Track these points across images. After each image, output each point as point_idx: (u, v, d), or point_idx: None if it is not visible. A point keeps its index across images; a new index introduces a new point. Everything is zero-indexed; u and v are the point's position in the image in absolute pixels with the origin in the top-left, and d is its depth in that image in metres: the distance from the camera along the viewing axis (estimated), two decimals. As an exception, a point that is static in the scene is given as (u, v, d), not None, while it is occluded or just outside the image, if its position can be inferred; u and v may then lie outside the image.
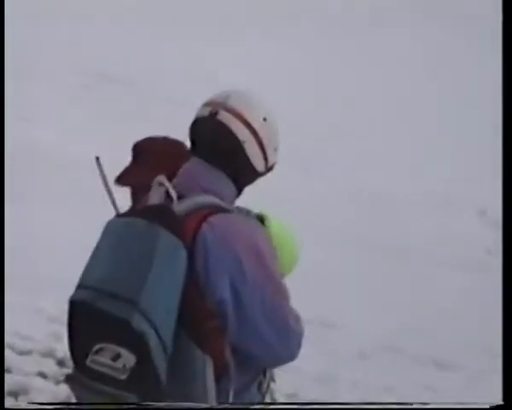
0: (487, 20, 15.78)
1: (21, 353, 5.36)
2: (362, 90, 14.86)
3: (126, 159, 2.67)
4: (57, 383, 4.87)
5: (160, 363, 2.01)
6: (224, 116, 2.16)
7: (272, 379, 2.32)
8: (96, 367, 2.02)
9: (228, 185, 2.20)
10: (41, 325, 5.70)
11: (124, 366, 1.99)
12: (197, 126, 2.22)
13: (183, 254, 2.04)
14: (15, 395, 4.69)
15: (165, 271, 2.02)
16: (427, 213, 10.60)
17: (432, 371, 6.08)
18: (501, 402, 2.46)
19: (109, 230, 2.14)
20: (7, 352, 5.08)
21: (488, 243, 9.03)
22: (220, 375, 2.10)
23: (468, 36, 17.89)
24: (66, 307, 2.29)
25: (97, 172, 2.25)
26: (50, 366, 5.15)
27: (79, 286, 2.08)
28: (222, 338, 2.09)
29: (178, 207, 2.09)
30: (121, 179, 2.59)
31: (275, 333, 2.12)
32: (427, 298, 7.16)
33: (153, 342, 1.98)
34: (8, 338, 5.14)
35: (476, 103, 14.33)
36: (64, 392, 4.55)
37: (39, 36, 13.98)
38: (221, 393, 2.11)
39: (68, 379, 2.14)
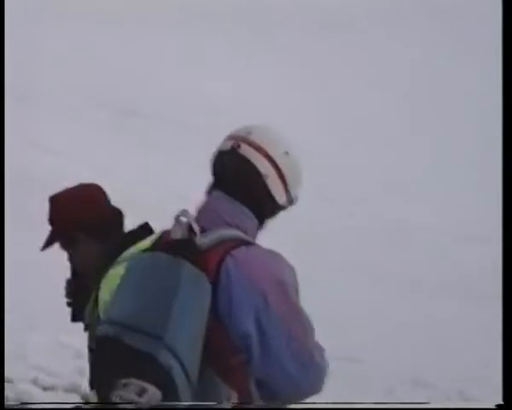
0: (487, 20, 15.78)
1: (45, 388, 5.40)
2: (373, 111, 14.90)
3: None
4: None
5: (186, 398, 1.99)
6: (246, 150, 2.18)
7: None
8: (121, 404, 1.99)
9: (250, 219, 2.20)
10: (67, 360, 5.77)
11: (149, 401, 1.97)
12: (219, 160, 2.23)
13: (208, 287, 2.03)
14: None
15: (190, 305, 2.02)
16: (441, 240, 10.59)
17: (459, 404, 6.05)
18: (501, 402, 2.48)
19: (133, 265, 2.15)
20: (31, 387, 5.26)
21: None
22: None
23: (469, 36, 17.90)
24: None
25: None
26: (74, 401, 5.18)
27: (104, 322, 2.08)
28: (246, 372, 2.08)
29: (201, 240, 2.08)
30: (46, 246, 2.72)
31: (300, 368, 2.10)
32: (448, 330, 7.11)
33: (179, 377, 1.97)
34: (32, 373, 5.39)
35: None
36: None
37: (66, 73, 14.25)
38: None
39: None
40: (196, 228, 2.09)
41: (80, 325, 2.67)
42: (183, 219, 2.11)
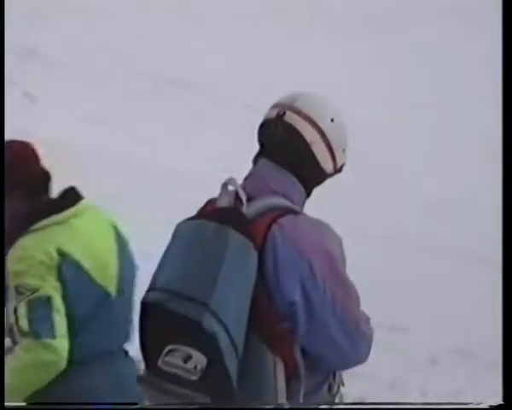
0: (487, 20, 15.48)
1: None
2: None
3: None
4: None
5: (232, 364, 2.00)
6: (292, 117, 2.15)
7: (342, 383, 2.29)
8: (167, 369, 2.02)
9: (297, 187, 2.18)
10: None
11: (195, 367, 1.99)
12: (265, 128, 2.20)
13: (254, 255, 2.03)
14: None
15: (236, 272, 2.03)
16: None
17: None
18: (501, 402, 2.38)
19: (179, 232, 2.14)
20: None
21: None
22: (290, 376, 2.07)
23: (468, 37, 17.59)
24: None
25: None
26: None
27: (150, 288, 2.08)
28: (292, 340, 2.06)
29: (248, 209, 2.07)
30: None
31: (345, 336, 2.09)
32: (493, 302, 7.07)
33: (224, 343, 1.98)
34: None
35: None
36: None
37: (107, 40, 14.32)
38: (291, 394, 2.07)
39: (140, 380, 2.15)
40: (243, 196, 2.08)
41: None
42: (230, 187, 2.10)
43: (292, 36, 16.16)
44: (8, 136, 2.98)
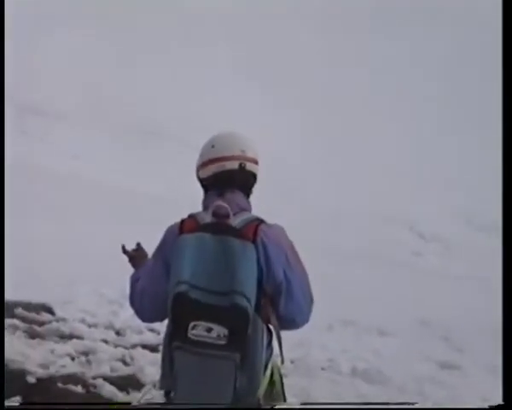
0: (487, 20, 16.11)
1: (90, 325, 6.93)
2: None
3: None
4: (115, 346, 6.37)
5: (254, 329, 2.73)
6: (251, 166, 3.05)
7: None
8: (196, 338, 2.68)
9: (249, 203, 3.06)
10: (103, 305, 7.47)
11: (218, 335, 2.67)
12: (229, 174, 3.03)
13: (252, 248, 2.77)
14: (86, 354, 6.02)
15: (245, 262, 2.75)
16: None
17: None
18: (501, 402, 2.66)
19: (185, 243, 2.83)
20: (79, 325, 6.85)
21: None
22: (270, 336, 2.92)
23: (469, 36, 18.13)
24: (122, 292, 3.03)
25: None
26: (111, 335, 6.73)
27: (179, 282, 2.75)
28: (271, 309, 2.86)
29: (234, 221, 2.84)
30: None
31: (306, 302, 2.94)
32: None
33: (251, 313, 2.69)
34: (80, 315, 7.06)
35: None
36: (120, 354, 6.10)
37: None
38: (269, 345, 2.90)
39: (177, 348, 2.73)
40: (231, 213, 2.86)
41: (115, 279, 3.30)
42: (223, 209, 2.86)
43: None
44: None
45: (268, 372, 2.86)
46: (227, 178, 3.00)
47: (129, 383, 5.58)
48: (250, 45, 19.38)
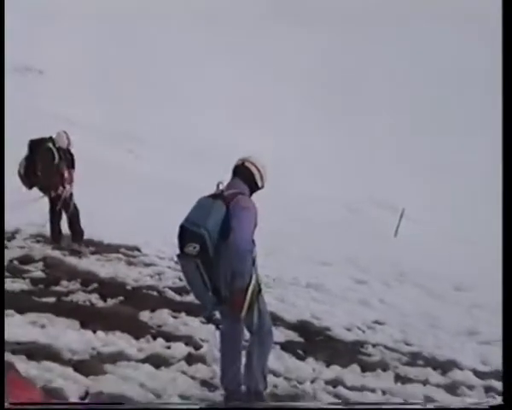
0: (487, 20, 16.10)
1: (160, 258, 10.81)
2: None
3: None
4: (174, 270, 9.78)
5: (210, 247, 4.65)
6: (248, 165, 5.19)
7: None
8: (187, 251, 4.69)
9: (246, 188, 5.11)
10: (169, 246, 10.71)
11: (194, 248, 4.63)
12: (235, 168, 5.26)
13: (224, 208, 4.78)
14: (159, 274, 9.70)
15: (215, 213, 4.73)
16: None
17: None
18: (501, 402, 2.67)
19: (199, 201, 4.94)
20: (155, 258, 10.69)
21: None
22: None
23: (468, 36, 18.12)
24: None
25: None
26: (172, 264, 10.23)
27: (185, 219, 4.84)
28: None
29: (226, 193, 4.92)
30: None
31: (248, 250, 4.82)
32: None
33: (208, 239, 4.64)
34: (155, 252, 11.23)
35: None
36: (177, 274, 9.32)
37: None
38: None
39: (179, 257, 4.79)
40: (224, 188, 5.05)
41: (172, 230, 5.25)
42: (220, 185, 5.05)
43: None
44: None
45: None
46: (235, 170, 5.29)
47: (184, 290, 8.37)
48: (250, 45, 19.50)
